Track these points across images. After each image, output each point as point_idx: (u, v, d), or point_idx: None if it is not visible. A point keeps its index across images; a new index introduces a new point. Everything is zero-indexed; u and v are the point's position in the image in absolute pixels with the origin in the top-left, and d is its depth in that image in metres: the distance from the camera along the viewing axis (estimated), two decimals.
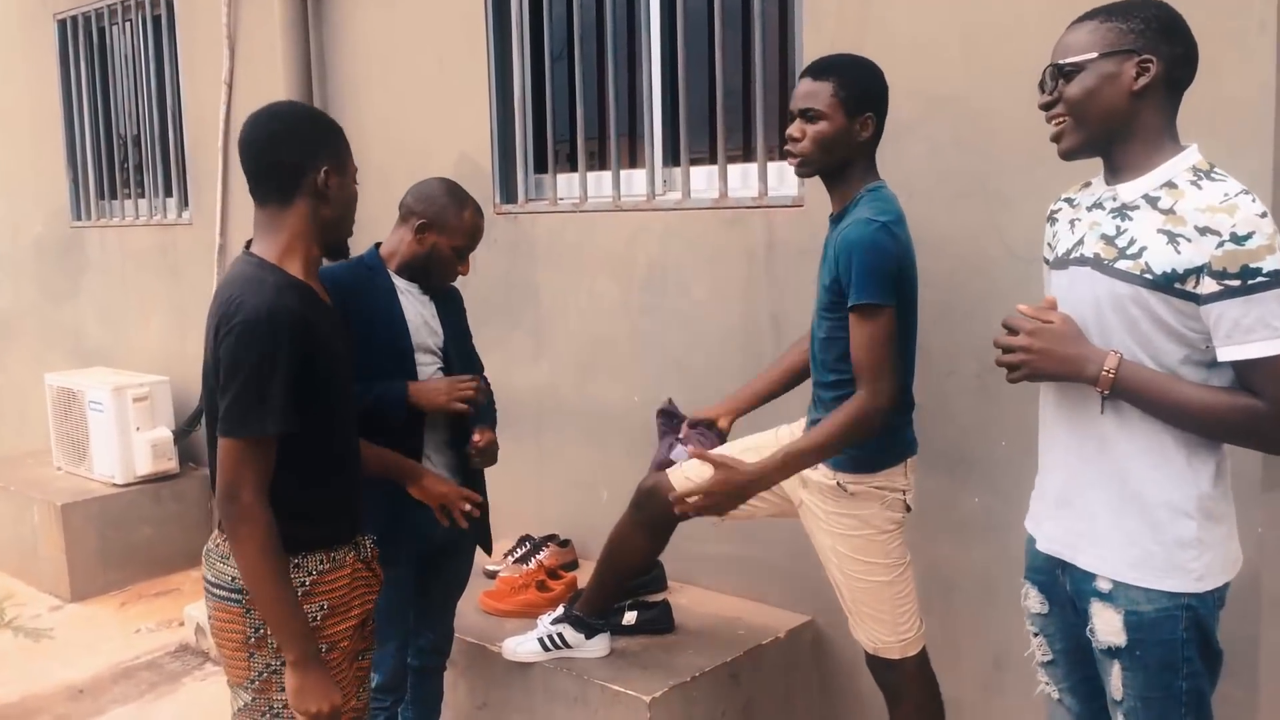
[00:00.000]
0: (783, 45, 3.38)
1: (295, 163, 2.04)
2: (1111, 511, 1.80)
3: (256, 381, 1.91)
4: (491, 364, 2.97)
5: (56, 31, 5.97)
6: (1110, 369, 1.71)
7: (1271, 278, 1.61)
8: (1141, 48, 1.73)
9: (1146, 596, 1.76)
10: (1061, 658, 2.00)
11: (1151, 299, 1.70)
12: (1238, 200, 1.65)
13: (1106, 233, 1.79)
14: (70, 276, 6.15)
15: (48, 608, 4.84)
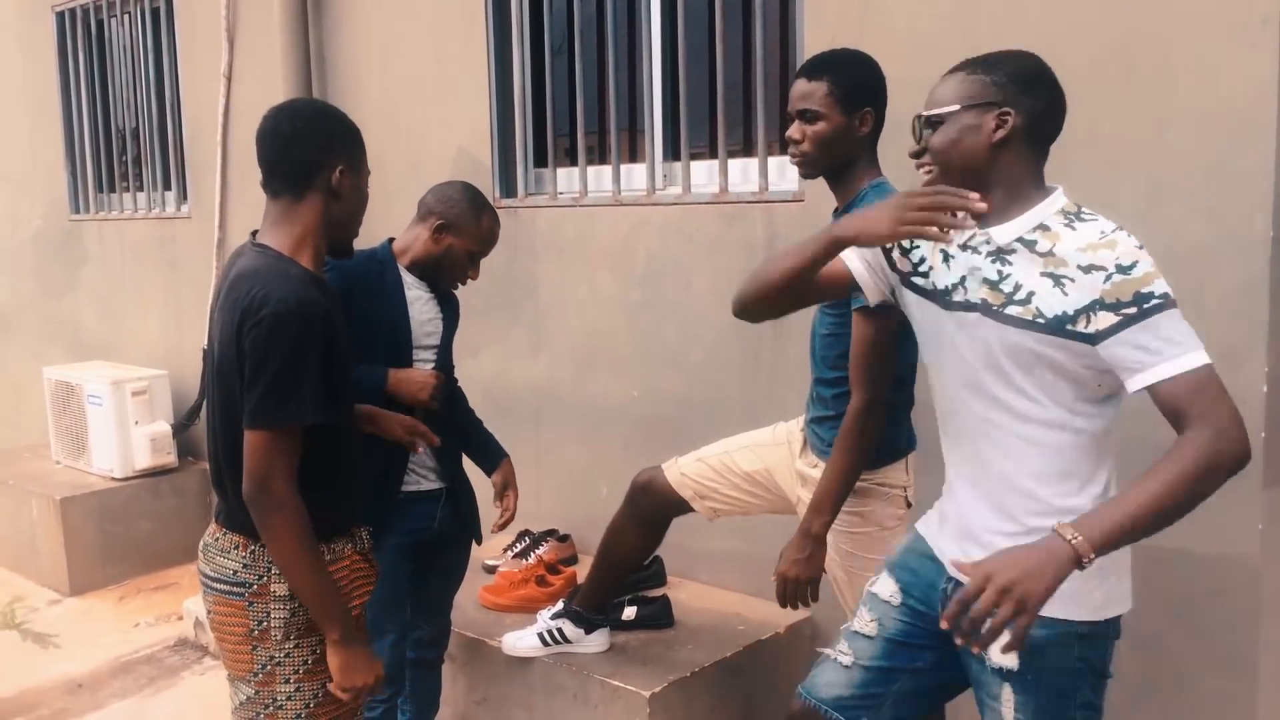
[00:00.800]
0: (783, 40, 3.37)
1: (313, 159, 2.06)
2: (1013, 543, 1.72)
3: (291, 372, 1.92)
4: (490, 358, 2.98)
5: (55, 24, 5.96)
6: (1072, 539, 1.59)
7: (1164, 299, 1.64)
8: (1001, 101, 1.77)
9: (1041, 624, 1.66)
10: (882, 643, 2.02)
11: (1045, 342, 1.71)
12: (1115, 236, 1.69)
13: (989, 278, 1.79)
14: (69, 270, 6.14)
15: (46, 602, 4.84)
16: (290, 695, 2.05)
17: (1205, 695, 2.61)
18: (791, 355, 3.20)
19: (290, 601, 2.02)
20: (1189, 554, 2.58)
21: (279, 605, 2.02)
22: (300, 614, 2.03)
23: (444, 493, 2.75)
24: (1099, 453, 1.80)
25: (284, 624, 2.02)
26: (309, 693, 2.06)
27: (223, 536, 2.06)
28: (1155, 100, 2.54)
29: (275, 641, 2.03)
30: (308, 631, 2.05)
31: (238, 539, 2.05)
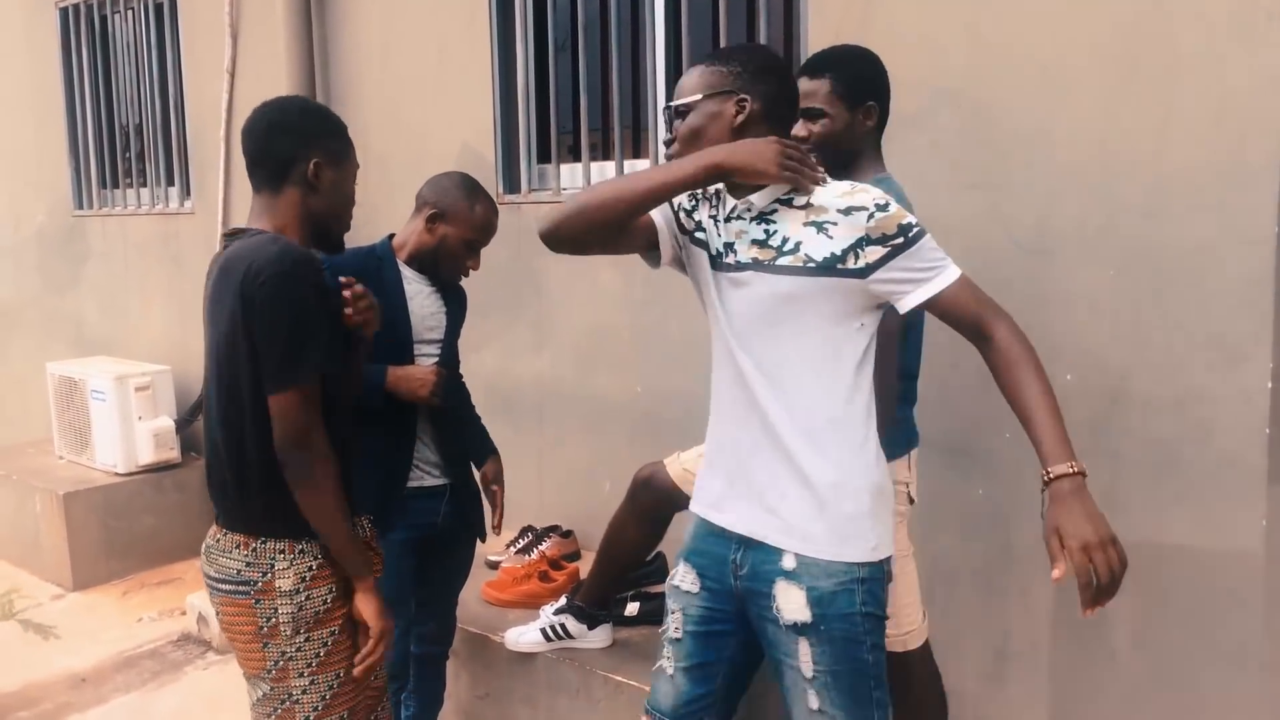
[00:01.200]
0: (787, 36, 3.37)
1: (288, 152, 2.10)
2: (795, 491, 1.90)
3: (303, 326, 1.97)
4: (493, 354, 2.98)
5: (59, 20, 5.96)
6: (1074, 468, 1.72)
7: (920, 228, 1.84)
8: (739, 88, 1.93)
9: (826, 572, 1.87)
10: (690, 639, 2.07)
11: (816, 284, 1.85)
12: (864, 185, 1.88)
13: (757, 238, 1.92)
14: (72, 266, 6.14)
15: (50, 597, 4.84)
16: (305, 689, 2.06)
17: (1210, 692, 2.61)
18: None
19: (296, 596, 2.03)
20: (1193, 551, 2.58)
21: (285, 600, 2.03)
22: (308, 607, 2.04)
23: (448, 489, 2.74)
24: (865, 409, 1.92)
25: (292, 619, 2.04)
26: (324, 685, 2.08)
27: (224, 538, 2.07)
28: (1160, 96, 2.53)
29: (285, 637, 2.04)
30: (317, 624, 2.06)
31: (239, 538, 2.06)
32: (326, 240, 2.20)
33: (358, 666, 2.12)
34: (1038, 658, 2.86)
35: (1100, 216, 2.63)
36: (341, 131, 2.19)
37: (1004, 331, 1.82)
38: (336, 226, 2.20)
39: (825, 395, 1.89)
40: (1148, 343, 2.60)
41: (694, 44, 3.46)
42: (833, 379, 1.89)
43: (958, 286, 1.84)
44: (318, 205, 2.13)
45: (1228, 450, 2.51)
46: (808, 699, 1.92)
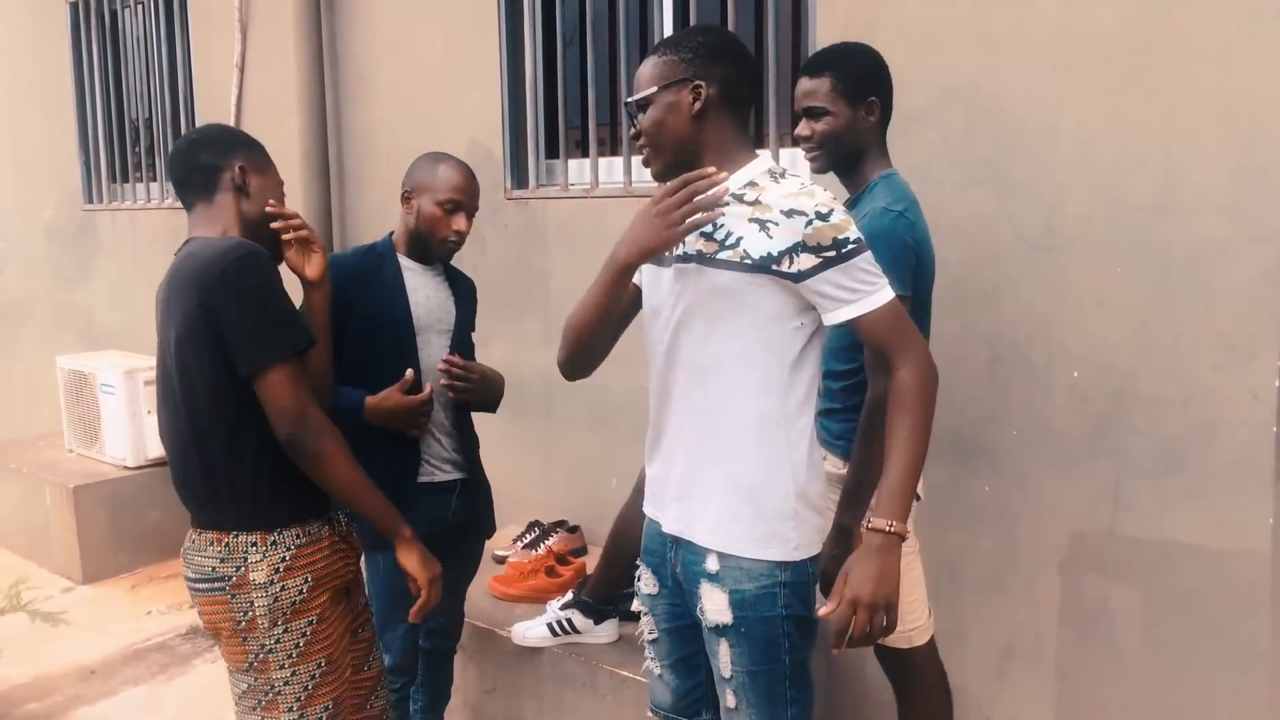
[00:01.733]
0: (795, 31, 3.37)
1: (212, 162, 2.18)
2: (719, 489, 1.91)
3: (275, 303, 2.02)
4: (501, 349, 2.98)
5: (69, 15, 5.98)
6: (890, 528, 1.79)
7: (857, 244, 1.81)
8: (693, 75, 1.90)
9: (749, 574, 1.89)
10: (665, 637, 2.11)
11: (751, 282, 1.83)
12: (812, 188, 1.84)
13: (705, 231, 1.90)
14: (82, 260, 6.16)
15: (60, 589, 4.87)
16: (287, 680, 2.10)
17: (1217, 690, 2.61)
18: None
19: (271, 587, 2.06)
20: (1200, 549, 2.58)
21: (260, 593, 2.06)
22: (283, 597, 2.07)
23: (459, 484, 2.75)
24: (798, 409, 1.90)
25: (268, 610, 2.06)
26: (305, 675, 2.11)
27: (198, 537, 2.11)
28: (1168, 93, 2.53)
29: (263, 629, 2.07)
30: (294, 614, 2.09)
31: (212, 535, 2.09)
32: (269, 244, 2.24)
33: (414, 613, 2.24)
34: (1043, 655, 2.86)
35: (1108, 214, 2.63)
36: (259, 146, 2.27)
37: (906, 372, 1.82)
38: (268, 231, 2.24)
39: (756, 393, 1.88)
40: (1155, 340, 2.59)
41: None
42: (764, 377, 1.88)
43: (880, 313, 1.83)
44: (250, 210, 2.20)
45: (1235, 449, 2.51)
46: (726, 697, 1.98)
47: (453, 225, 2.62)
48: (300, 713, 2.11)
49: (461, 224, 2.63)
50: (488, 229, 4.04)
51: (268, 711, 2.11)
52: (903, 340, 1.84)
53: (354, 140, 4.51)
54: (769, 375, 1.88)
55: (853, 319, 1.83)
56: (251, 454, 2.05)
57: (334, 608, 2.17)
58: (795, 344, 1.88)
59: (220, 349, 2.00)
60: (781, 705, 1.94)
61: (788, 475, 1.89)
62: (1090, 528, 2.73)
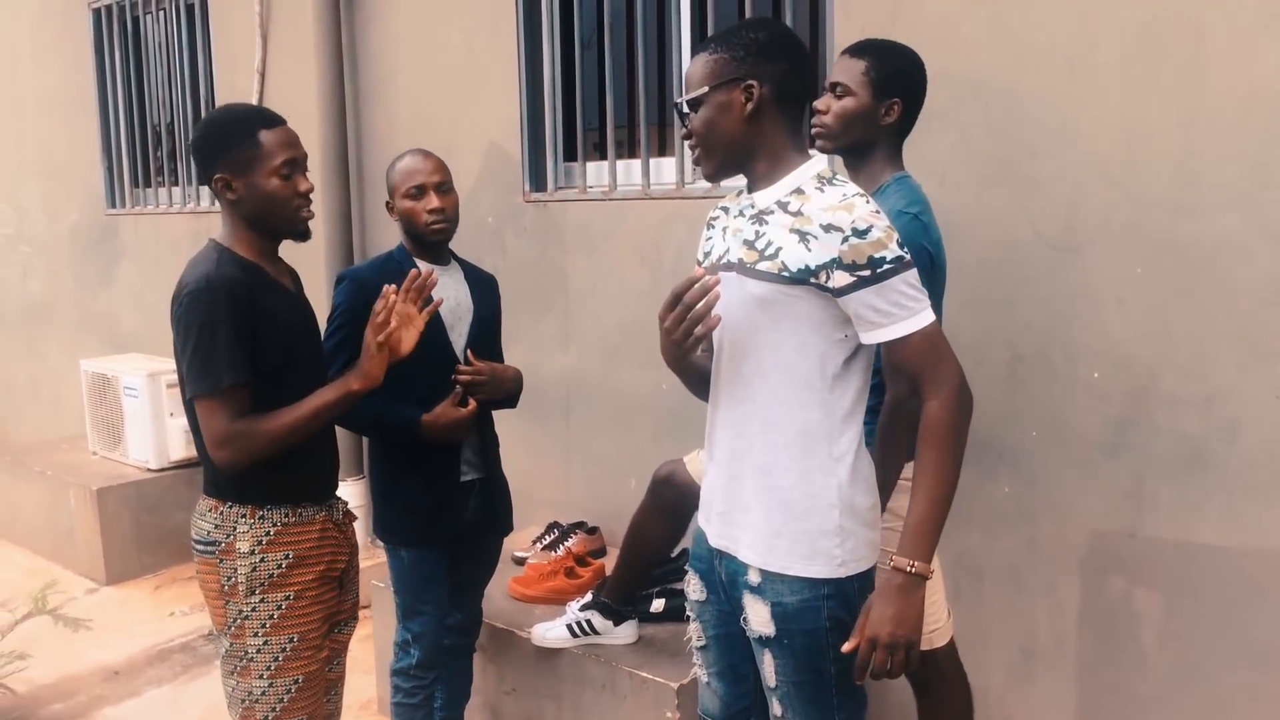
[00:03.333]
0: (813, 32, 3.37)
1: (203, 173, 2.26)
2: (761, 504, 1.89)
3: (204, 341, 2.10)
4: (520, 351, 3.00)
5: (91, 20, 6.03)
6: (911, 568, 1.79)
7: (895, 264, 1.74)
8: (745, 74, 1.83)
9: (791, 588, 1.86)
10: (713, 643, 2.09)
11: (790, 293, 1.80)
12: (853, 200, 1.77)
13: (748, 238, 1.87)
14: (105, 264, 6.21)
15: (84, 591, 4.91)
16: (260, 649, 2.22)
17: (1237, 689, 2.59)
18: None
19: (251, 557, 2.20)
20: (1222, 550, 2.57)
21: (243, 561, 2.20)
22: (261, 569, 2.20)
23: (476, 484, 2.78)
24: (842, 422, 1.86)
25: (247, 579, 2.20)
26: (276, 646, 2.23)
27: (202, 502, 2.27)
28: (1187, 89, 2.52)
29: (242, 596, 2.20)
30: (271, 587, 2.21)
31: (211, 502, 2.24)
32: (280, 235, 2.30)
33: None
34: (1064, 655, 2.85)
35: (1127, 212, 2.62)
36: (240, 137, 2.22)
37: (937, 404, 1.79)
38: (277, 223, 2.28)
39: (797, 406, 1.84)
40: (1175, 339, 2.58)
41: None
42: (805, 389, 1.84)
43: (914, 339, 1.78)
44: (244, 211, 2.25)
45: (1256, 448, 2.50)
46: (773, 706, 1.97)
47: (426, 206, 2.68)
48: (270, 681, 2.23)
49: (433, 202, 2.68)
50: (507, 231, 4.05)
51: (242, 676, 2.24)
52: (936, 368, 1.79)
53: (374, 143, 4.53)
54: (810, 387, 1.84)
55: (885, 342, 1.79)
56: None
57: (317, 589, 2.27)
58: (838, 355, 1.83)
59: None
60: (828, 712, 1.92)
61: (832, 490, 1.85)
62: (1111, 528, 2.72)
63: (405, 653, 2.79)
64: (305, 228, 2.30)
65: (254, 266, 2.23)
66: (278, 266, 2.31)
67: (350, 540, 2.40)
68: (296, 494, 2.26)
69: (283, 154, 2.23)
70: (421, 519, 2.69)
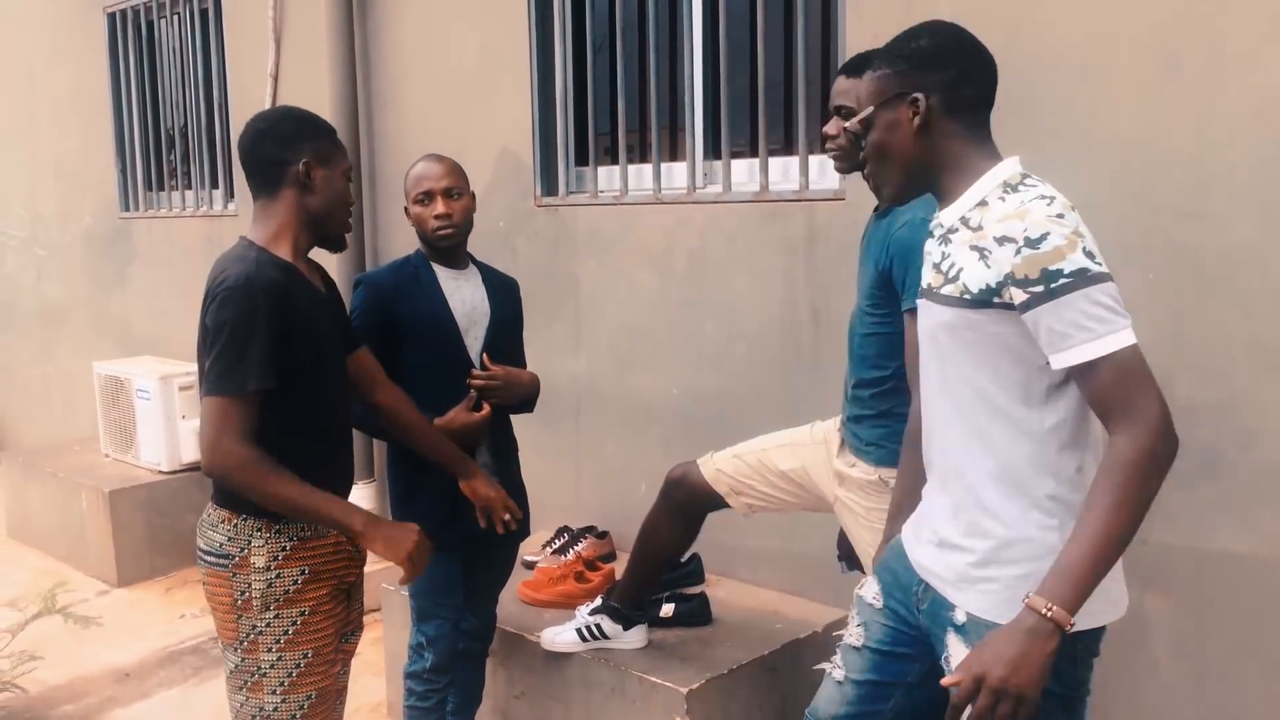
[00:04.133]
0: (825, 37, 3.37)
1: (278, 155, 2.19)
2: (972, 544, 1.73)
3: (236, 341, 2.05)
4: (531, 355, 2.99)
5: (106, 24, 6.06)
6: (1047, 612, 1.53)
7: (1075, 277, 1.54)
8: (909, 88, 1.72)
9: None
10: (869, 654, 1.97)
11: (978, 318, 1.65)
12: (1030, 205, 1.60)
13: (935, 261, 1.77)
14: (118, 267, 6.24)
15: (95, 592, 4.93)
16: (273, 664, 2.17)
17: (1250, 699, 2.58)
18: (830, 353, 3.18)
19: (267, 573, 2.14)
20: (1235, 557, 2.55)
21: (258, 576, 2.14)
22: (278, 585, 2.14)
23: None
24: (1058, 456, 1.67)
25: (263, 594, 2.14)
26: (290, 662, 2.17)
27: (213, 511, 2.20)
28: (1201, 94, 2.51)
29: (256, 611, 2.15)
30: (287, 603, 2.16)
31: (224, 513, 2.17)
32: (328, 240, 2.29)
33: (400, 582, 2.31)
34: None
35: (1140, 217, 2.61)
36: (328, 133, 2.28)
37: (1123, 441, 1.54)
38: (333, 226, 2.28)
39: (1004, 441, 1.67)
40: (1189, 346, 2.57)
41: (731, 45, 3.47)
42: (1009, 423, 1.66)
43: (1102, 367, 1.54)
44: (314, 204, 2.22)
45: (1270, 455, 2.48)
46: None
47: (432, 213, 2.68)
48: (283, 697, 2.18)
49: (439, 208, 2.68)
50: (518, 236, 4.06)
51: (253, 692, 2.19)
52: (1128, 402, 1.54)
53: (386, 147, 4.54)
54: (1012, 420, 1.66)
55: (1068, 367, 1.57)
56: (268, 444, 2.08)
57: (331, 604, 2.23)
58: (1042, 381, 1.64)
59: None
60: None
61: (1051, 534, 1.65)
62: None
63: (420, 656, 2.78)
64: (345, 238, 2.33)
65: (290, 268, 2.18)
66: (310, 267, 2.29)
67: (362, 552, 2.35)
68: None
69: (347, 161, 2.30)
70: (437, 523, 2.67)
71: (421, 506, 2.70)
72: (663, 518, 2.86)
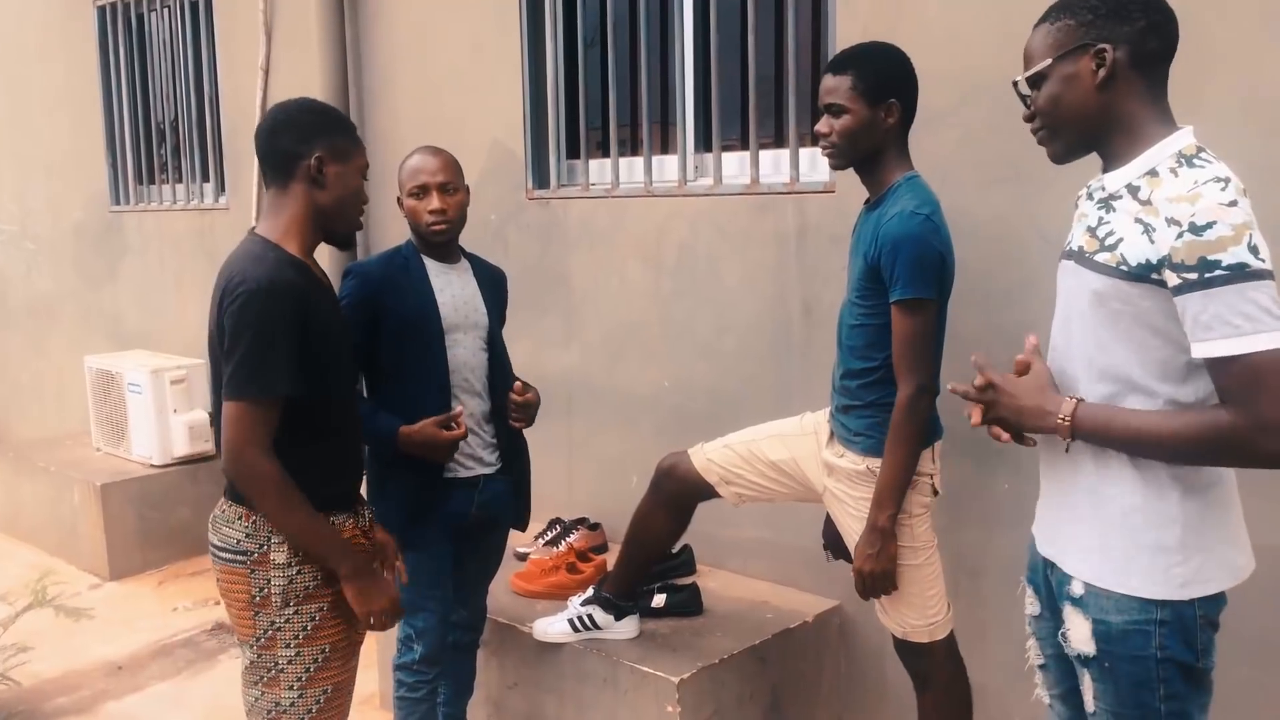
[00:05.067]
0: (815, 31, 3.38)
1: (292, 148, 2.17)
2: (1093, 514, 1.74)
3: (261, 345, 2.03)
4: (523, 348, 3.01)
5: (96, 18, 6.05)
6: (1065, 416, 1.69)
7: (1232, 271, 1.51)
8: (1095, 38, 1.67)
9: (1117, 606, 1.69)
10: (1052, 663, 1.95)
11: (1132, 292, 1.62)
12: (1203, 189, 1.55)
13: (1090, 224, 1.73)
14: (109, 260, 6.23)
15: (87, 586, 4.93)
16: (291, 659, 2.17)
17: (1237, 686, 2.59)
18: (821, 345, 3.21)
19: (288, 569, 2.13)
20: None
21: (278, 573, 2.13)
22: (298, 581, 2.14)
23: (481, 480, 2.78)
24: (1187, 398, 1.66)
25: (283, 591, 2.13)
26: (309, 658, 2.18)
27: (229, 508, 2.18)
28: (1190, 92, 2.51)
29: (275, 608, 2.14)
30: (306, 599, 2.15)
31: (241, 510, 2.16)
32: (334, 237, 2.27)
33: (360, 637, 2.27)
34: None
35: None
36: (346, 129, 2.26)
37: (1229, 418, 1.55)
38: (343, 224, 2.26)
39: (1140, 407, 1.66)
40: None
41: (722, 40, 3.48)
42: (1144, 396, 1.66)
43: (1236, 365, 1.53)
44: (324, 200, 2.19)
45: None
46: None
47: (426, 207, 2.68)
48: (301, 692, 2.18)
49: (434, 203, 2.67)
50: (509, 228, 4.07)
51: (269, 688, 2.18)
52: (1251, 401, 1.53)
53: (378, 141, 4.55)
54: (1145, 393, 1.66)
55: (1207, 359, 1.56)
56: (279, 445, 2.08)
57: (346, 600, 2.21)
58: (1180, 360, 1.63)
59: None
60: None
61: (1173, 503, 1.66)
62: None
63: (408, 648, 2.79)
64: (355, 236, 2.32)
65: (304, 266, 2.16)
66: (316, 265, 2.26)
67: (376, 544, 2.35)
68: (329, 503, 2.20)
69: (365, 157, 2.28)
70: (415, 517, 2.68)
71: (395, 503, 2.67)
72: (654, 508, 2.88)
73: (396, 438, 2.59)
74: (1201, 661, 1.70)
